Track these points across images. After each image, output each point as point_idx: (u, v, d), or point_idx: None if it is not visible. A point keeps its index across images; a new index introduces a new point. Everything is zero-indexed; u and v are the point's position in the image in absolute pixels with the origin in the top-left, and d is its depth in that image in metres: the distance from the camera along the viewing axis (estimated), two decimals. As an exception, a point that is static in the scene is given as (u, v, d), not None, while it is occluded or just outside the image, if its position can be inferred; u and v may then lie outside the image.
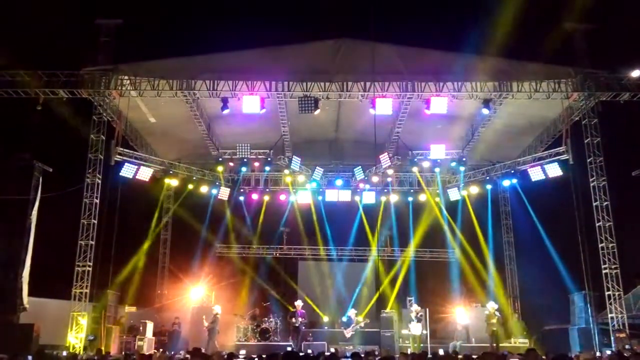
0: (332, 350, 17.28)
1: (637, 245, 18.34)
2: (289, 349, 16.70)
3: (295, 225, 23.85)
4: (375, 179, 22.11)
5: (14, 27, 18.31)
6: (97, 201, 16.87)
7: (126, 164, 18.89)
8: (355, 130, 20.89)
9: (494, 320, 17.23)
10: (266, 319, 20.07)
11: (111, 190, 17.24)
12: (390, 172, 21.82)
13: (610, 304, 16.22)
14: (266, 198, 23.22)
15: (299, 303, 18.55)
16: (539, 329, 20.24)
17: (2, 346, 13.71)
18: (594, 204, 16.86)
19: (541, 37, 19.71)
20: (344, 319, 19.83)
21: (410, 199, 23.27)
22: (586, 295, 17.07)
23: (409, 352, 16.72)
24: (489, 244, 22.28)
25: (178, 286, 21.56)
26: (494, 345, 17.12)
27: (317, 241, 23.72)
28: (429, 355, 14.34)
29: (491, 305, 17.71)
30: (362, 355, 11.27)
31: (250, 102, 17.08)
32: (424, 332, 18.15)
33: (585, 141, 17.22)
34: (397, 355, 14.79)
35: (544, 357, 14.13)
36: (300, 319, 18.00)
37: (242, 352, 16.85)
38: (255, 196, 23.07)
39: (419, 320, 17.91)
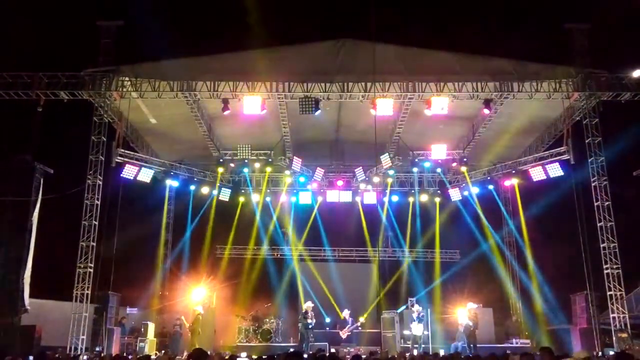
0: (333, 350, 17.28)
1: (638, 245, 18.31)
2: (291, 349, 16.68)
3: (296, 226, 23.87)
4: (376, 179, 22.12)
5: (15, 29, 18.33)
6: (98, 202, 16.84)
7: (127, 165, 18.92)
8: (356, 130, 20.85)
9: (472, 321, 17.51)
10: (267, 320, 20.08)
11: (112, 192, 17.23)
12: (391, 172, 21.79)
13: (612, 304, 16.19)
14: (267, 199, 23.22)
15: (309, 304, 18.50)
16: (541, 329, 20.23)
17: (4, 348, 13.73)
18: (595, 204, 16.81)
19: (542, 37, 19.73)
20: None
21: (411, 199, 23.24)
22: (588, 295, 17.03)
23: (414, 353, 16.81)
24: (490, 245, 22.28)
25: (179, 287, 21.54)
26: (471, 345, 17.22)
27: (318, 242, 23.75)
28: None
29: (469, 306, 17.90)
30: (364, 357, 11.29)
31: (251, 103, 17.06)
32: (425, 332, 18.15)
33: (587, 141, 17.20)
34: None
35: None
36: (312, 320, 17.96)
37: (243, 354, 16.83)
38: (256, 197, 23.07)
39: (420, 321, 17.94)
